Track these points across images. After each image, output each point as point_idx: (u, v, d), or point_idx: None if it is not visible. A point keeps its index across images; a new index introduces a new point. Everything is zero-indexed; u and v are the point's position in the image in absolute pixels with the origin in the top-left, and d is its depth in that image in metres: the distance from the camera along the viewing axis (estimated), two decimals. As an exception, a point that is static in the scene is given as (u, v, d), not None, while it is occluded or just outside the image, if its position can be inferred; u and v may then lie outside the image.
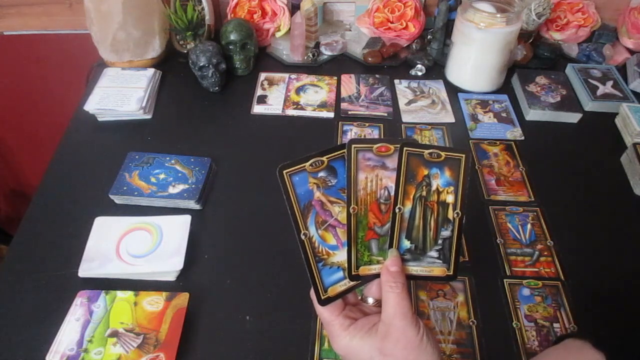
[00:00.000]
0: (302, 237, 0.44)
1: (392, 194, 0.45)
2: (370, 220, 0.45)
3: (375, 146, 0.44)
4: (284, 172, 0.43)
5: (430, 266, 0.46)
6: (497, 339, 0.66)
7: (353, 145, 0.43)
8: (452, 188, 0.46)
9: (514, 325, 0.67)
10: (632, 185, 0.87)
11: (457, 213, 0.46)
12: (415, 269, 0.46)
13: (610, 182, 0.89)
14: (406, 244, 0.46)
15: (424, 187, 0.45)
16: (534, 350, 0.64)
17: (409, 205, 0.45)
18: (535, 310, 0.68)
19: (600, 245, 0.78)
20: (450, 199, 0.46)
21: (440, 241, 0.46)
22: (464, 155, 0.45)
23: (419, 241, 0.46)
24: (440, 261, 0.46)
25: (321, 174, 0.44)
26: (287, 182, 0.43)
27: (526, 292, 0.70)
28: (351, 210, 0.44)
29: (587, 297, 0.70)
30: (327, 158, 0.44)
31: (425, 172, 0.45)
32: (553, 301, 0.69)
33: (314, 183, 0.44)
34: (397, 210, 0.44)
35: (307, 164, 0.43)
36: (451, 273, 0.47)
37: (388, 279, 0.44)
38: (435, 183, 0.45)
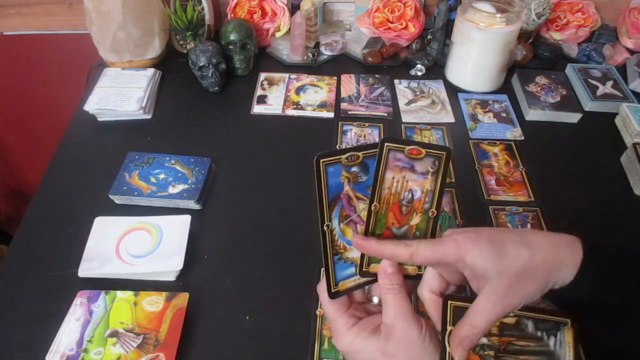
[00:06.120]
0: (325, 228, 0.44)
1: (415, 197, 0.45)
2: (389, 220, 0.45)
3: (408, 148, 0.44)
4: (321, 161, 0.42)
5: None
6: (497, 339, 0.66)
7: (386, 144, 0.43)
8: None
9: (514, 325, 0.67)
10: (632, 185, 0.87)
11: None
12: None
13: (610, 182, 0.89)
14: None
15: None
16: (533, 350, 0.64)
17: None
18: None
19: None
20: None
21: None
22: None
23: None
24: None
25: (354, 169, 0.44)
26: (321, 172, 0.43)
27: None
28: (372, 208, 0.44)
29: (587, 297, 0.70)
30: (362, 154, 0.44)
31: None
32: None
33: (346, 176, 0.44)
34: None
35: (344, 156, 0.43)
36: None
37: (385, 281, 0.44)
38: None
